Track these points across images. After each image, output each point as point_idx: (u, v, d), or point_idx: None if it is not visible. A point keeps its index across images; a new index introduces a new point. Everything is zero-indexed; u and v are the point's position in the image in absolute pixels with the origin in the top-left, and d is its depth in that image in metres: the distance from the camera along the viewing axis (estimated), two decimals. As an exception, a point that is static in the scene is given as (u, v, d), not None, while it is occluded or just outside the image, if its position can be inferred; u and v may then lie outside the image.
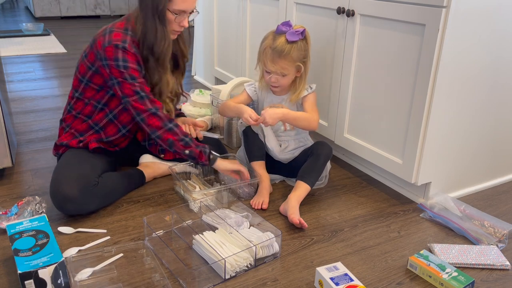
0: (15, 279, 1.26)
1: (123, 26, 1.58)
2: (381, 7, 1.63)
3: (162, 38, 1.56)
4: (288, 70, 1.68)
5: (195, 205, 1.63)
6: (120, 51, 1.52)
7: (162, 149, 1.85)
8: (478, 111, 1.69)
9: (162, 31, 1.55)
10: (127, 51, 1.53)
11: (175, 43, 1.71)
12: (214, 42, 2.96)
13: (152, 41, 1.56)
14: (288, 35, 1.64)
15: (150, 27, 1.55)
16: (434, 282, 1.29)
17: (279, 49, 1.64)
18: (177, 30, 1.61)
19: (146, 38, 1.56)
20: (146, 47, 1.58)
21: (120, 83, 1.54)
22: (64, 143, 1.70)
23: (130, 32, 1.57)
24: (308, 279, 1.30)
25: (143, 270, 1.32)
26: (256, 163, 1.75)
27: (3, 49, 4.21)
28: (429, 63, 1.49)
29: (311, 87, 1.77)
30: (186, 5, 1.56)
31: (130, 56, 1.54)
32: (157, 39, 1.56)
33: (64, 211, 1.53)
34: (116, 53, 1.52)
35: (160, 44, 1.57)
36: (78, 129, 1.70)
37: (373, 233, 1.54)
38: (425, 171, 1.64)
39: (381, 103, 1.73)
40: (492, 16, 1.53)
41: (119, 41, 1.53)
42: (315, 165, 1.67)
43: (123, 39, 1.54)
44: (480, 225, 1.57)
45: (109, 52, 1.52)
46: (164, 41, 1.57)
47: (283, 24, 1.68)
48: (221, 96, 2.24)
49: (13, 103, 2.73)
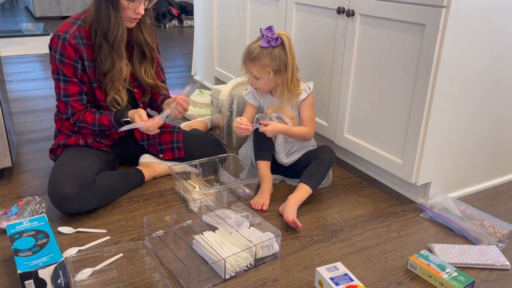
0: (15, 279, 1.26)
1: (77, 16, 1.61)
2: (381, 7, 1.63)
3: (115, 24, 1.54)
4: (256, 74, 1.67)
5: (195, 205, 1.63)
6: (60, 42, 1.55)
7: (161, 149, 1.85)
8: (478, 111, 1.69)
9: (116, 17, 1.53)
10: (66, 42, 1.54)
11: (137, 32, 1.69)
12: (214, 42, 2.96)
13: (105, 28, 1.55)
14: (262, 40, 1.64)
15: (103, 14, 1.54)
16: (434, 282, 1.29)
17: (250, 52, 1.66)
18: (133, 17, 1.58)
19: (99, 25, 1.55)
20: (99, 34, 1.57)
21: (53, 78, 1.61)
22: (61, 143, 1.71)
23: (79, 22, 1.58)
24: (308, 279, 1.30)
25: (143, 270, 1.32)
26: (261, 163, 1.75)
27: (3, 49, 4.21)
28: (429, 63, 1.49)
29: (309, 87, 1.75)
30: None
31: (68, 48, 1.55)
32: (111, 26, 1.54)
33: (62, 210, 1.53)
34: (57, 44, 1.55)
35: (114, 31, 1.55)
36: (70, 129, 1.71)
37: (373, 233, 1.54)
38: (425, 171, 1.64)
39: (381, 103, 1.73)
40: (492, 16, 1.53)
41: (61, 31, 1.56)
42: (318, 169, 1.67)
43: (67, 29, 1.56)
44: (480, 225, 1.57)
45: (52, 42, 1.56)
46: (118, 27, 1.55)
47: (266, 28, 1.65)
48: (221, 96, 2.24)
49: (13, 103, 2.73)
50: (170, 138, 1.86)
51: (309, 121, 1.76)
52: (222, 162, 1.85)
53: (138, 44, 1.71)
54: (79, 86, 1.62)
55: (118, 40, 1.57)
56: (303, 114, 1.76)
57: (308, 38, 2.04)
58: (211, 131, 2.38)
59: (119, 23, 1.55)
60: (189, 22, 5.92)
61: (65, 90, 1.61)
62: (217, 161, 1.85)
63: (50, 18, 6.27)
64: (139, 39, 1.70)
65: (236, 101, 2.12)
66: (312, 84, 1.77)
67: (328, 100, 1.98)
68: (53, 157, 1.75)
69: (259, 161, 1.75)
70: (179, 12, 5.95)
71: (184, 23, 5.95)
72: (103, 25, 1.55)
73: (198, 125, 2.31)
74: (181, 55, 4.25)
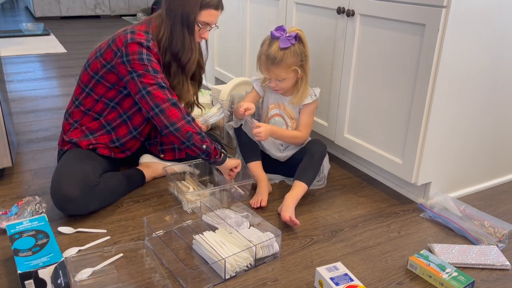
0: (15, 279, 1.26)
1: (144, 29, 1.60)
2: (381, 7, 1.63)
3: (189, 48, 1.61)
4: (284, 76, 1.67)
5: (189, 206, 1.62)
6: (144, 48, 1.54)
7: (162, 149, 1.85)
8: (478, 111, 1.69)
9: (190, 41, 1.60)
10: (150, 49, 1.55)
11: None
12: (214, 42, 2.96)
13: (178, 49, 1.60)
14: (281, 41, 1.63)
15: (177, 35, 1.59)
16: (434, 282, 1.29)
17: (272, 57, 1.64)
18: (197, 41, 1.65)
19: (171, 45, 1.60)
20: (170, 53, 1.61)
21: (142, 75, 1.53)
22: (74, 140, 1.67)
23: (151, 35, 1.59)
24: (308, 279, 1.30)
25: (143, 270, 1.32)
26: (252, 164, 1.75)
27: (3, 49, 4.21)
28: (429, 63, 1.49)
29: (315, 94, 1.76)
30: (212, 18, 1.62)
31: (153, 54, 1.56)
32: (185, 49, 1.61)
33: (64, 211, 1.53)
34: (140, 49, 1.53)
35: (188, 54, 1.62)
36: (89, 127, 1.68)
37: (373, 233, 1.54)
38: (425, 171, 1.64)
39: (381, 103, 1.73)
40: (492, 16, 1.53)
41: (142, 39, 1.55)
42: (310, 163, 1.67)
43: (146, 38, 1.56)
44: (480, 225, 1.57)
45: (132, 48, 1.53)
46: (192, 51, 1.62)
47: (276, 29, 1.67)
48: (221, 96, 2.24)
49: (13, 103, 2.73)
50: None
51: (305, 127, 1.77)
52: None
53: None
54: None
55: (191, 64, 1.65)
56: (302, 118, 1.77)
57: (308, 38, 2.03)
58: (211, 131, 2.38)
59: (194, 47, 1.62)
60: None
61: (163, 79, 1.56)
62: None
63: (50, 18, 6.27)
64: None
65: (236, 101, 2.12)
66: (318, 91, 1.78)
67: (328, 100, 1.98)
68: (60, 148, 1.72)
69: (249, 163, 1.76)
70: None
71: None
72: (176, 46, 1.60)
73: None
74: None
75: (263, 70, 1.70)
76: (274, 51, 1.64)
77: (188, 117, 1.58)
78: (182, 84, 1.68)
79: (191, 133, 1.56)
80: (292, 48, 1.64)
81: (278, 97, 1.80)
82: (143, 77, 1.53)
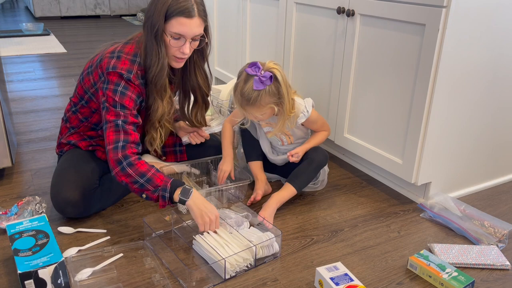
0: (15, 279, 1.26)
1: (133, 51, 1.50)
2: (381, 7, 1.63)
3: (156, 60, 1.46)
4: (259, 114, 1.59)
5: (183, 207, 1.61)
6: (123, 81, 1.45)
7: (163, 152, 1.85)
8: (478, 111, 1.69)
9: (157, 52, 1.45)
10: (130, 82, 1.45)
11: (191, 75, 1.65)
12: (214, 42, 2.95)
13: (149, 63, 1.48)
14: (255, 83, 1.51)
15: (149, 49, 1.46)
16: (434, 282, 1.29)
17: (246, 97, 1.53)
18: (178, 56, 1.50)
19: (146, 60, 1.48)
20: (146, 70, 1.50)
21: (107, 108, 1.43)
22: (72, 142, 1.66)
23: (138, 59, 1.49)
24: (308, 279, 1.30)
25: (143, 270, 1.32)
26: (253, 163, 1.76)
27: (3, 49, 4.21)
28: (429, 63, 1.49)
29: (307, 111, 1.65)
30: (183, 29, 1.43)
31: (133, 87, 1.46)
32: (152, 61, 1.47)
33: (65, 215, 1.52)
34: (119, 81, 1.44)
35: (154, 66, 1.47)
36: (87, 134, 1.67)
37: (373, 233, 1.54)
38: (425, 171, 1.64)
39: (381, 103, 1.73)
40: (492, 16, 1.53)
41: (124, 70, 1.45)
42: (306, 170, 1.66)
43: (129, 68, 1.46)
44: (480, 225, 1.57)
45: (112, 77, 1.45)
46: (157, 63, 1.46)
47: (251, 65, 1.55)
48: (221, 96, 2.24)
49: (13, 103, 2.73)
50: (173, 141, 1.86)
51: (322, 127, 1.75)
52: (215, 163, 1.84)
53: (191, 87, 1.69)
54: (137, 119, 1.48)
55: (157, 76, 1.48)
56: (313, 127, 1.74)
57: (308, 38, 2.04)
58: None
59: (158, 58, 1.46)
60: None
61: (125, 117, 1.44)
62: (209, 162, 1.84)
63: (50, 18, 6.27)
64: (192, 82, 1.67)
65: (236, 101, 2.12)
66: (310, 104, 1.67)
67: (328, 100, 1.98)
68: (58, 151, 1.71)
69: (250, 162, 1.77)
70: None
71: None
72: (148, 61, 1.47)
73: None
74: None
75: (238, 107, 1.61)
76: (248, 91, 1.52)
77: (125, 161, 1.38)
78: (153, 103, 1.54)
79: (125, 182, 1.40)
80: (267, 88, 1.52)
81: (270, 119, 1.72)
82: (107, 111, 1.44)
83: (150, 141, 1.65)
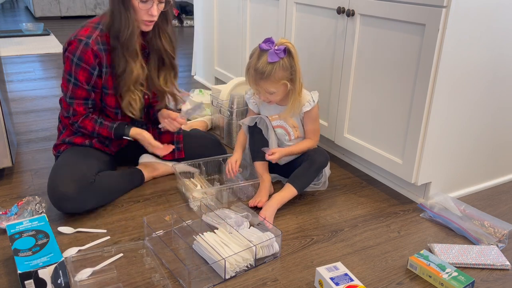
0: (15, 279, 1.26)
1: (97, 20, 1.60)
2: (381, 7, 1.63)
3: (125, 24, 1.53)
4: (274, 89, 1.62)
5: (195, 204, 1.63)
6: (81, 46, 1.54)
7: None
8: (478, 111, 1.69)
9: (126, 17, 1.52)
10: (89, 47, 1.54)
11: (156, 39, 1.67)
12: (214, 42, 2.96)
13: (117, 28, 1.54)
14: (269, 55, 1.57)
15: (116, 15, 1.53)
16: (434, 282, 1.29)
17: (260, 71, 1.58)
18: (147, 19, 1.56)
19: (113, 26, 1.55)
20: (113, 36, 1.56)
21: (63, 78, 1.61)
22: (66, 140, 1.69)
23: (101, 26, 1.58)
24: (308, 279, 1.30)
25: (143, 270, 1.32)
26: (258, 163, 1.75)
27: (3, 49, 4.21)
28: (429, 63, 1.49)
29: (313, 100, 1.71)
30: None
31: (89, 54, 1.55)
32: (121, 26, 1.53)
33: (62, 210, 1.53)
34: (77, 48, 1.55)
35: (124, 31, 1.54)
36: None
37: (373, 233, 1.54)
38: (425, 171, 1.64)
39: (381, 103, 1.73)
40: (492, 16, 1.53)
41: (83, 36, 1.55)
42: (307, 171, 1.66)
43: (89, 34, 1.55)
44: (480, 225, 1.57)
45: (72, 45, 1.56)
46: (128, 27, 1.53)
47: (265, 41, 1.60)
48: (221, 96, 2.24)
49: (13, 103, 2.73)
50: (171, 138, 1.86)
51: (313, 134, 1.76)
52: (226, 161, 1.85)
53: (157, 51, 1.70)
54: (87, 92, 1.62)
55: (128, 40, 1.55)
56: (307, 127, 1.75)
57: (308, 38, 2.04)
58: (211, 131, 2.38)
59: (129, 22, 1.53)
60: (189, 22, 5.92)
61: (72, 93, 1.61)
62: (221, 161, 1.86)
63: (50, 18, 6.27)
64: (158, 46, 1.68)
65: (236, 101, 2.12)
66: (316, 96, 1.72)
67: (328, 100, 1.98)
68: (55, 152, 1.74)
69: (255, 162, 1.76)
70: (179, 12, 5.94)
71: (184, 23, 5.95)
72: (116, 26, 1.54)
73: (198, 125, 2.31)
74: (181, 55, 4.24)
75: (251, 84, 1.65)
76: (262, 65, 1.58)
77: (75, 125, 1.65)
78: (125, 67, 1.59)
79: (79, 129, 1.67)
80: (281, 62, 1.57)
81: (277, 108, 1.76)
82: (62, 80, 1.62)
83: (128, 106, 1.66)
